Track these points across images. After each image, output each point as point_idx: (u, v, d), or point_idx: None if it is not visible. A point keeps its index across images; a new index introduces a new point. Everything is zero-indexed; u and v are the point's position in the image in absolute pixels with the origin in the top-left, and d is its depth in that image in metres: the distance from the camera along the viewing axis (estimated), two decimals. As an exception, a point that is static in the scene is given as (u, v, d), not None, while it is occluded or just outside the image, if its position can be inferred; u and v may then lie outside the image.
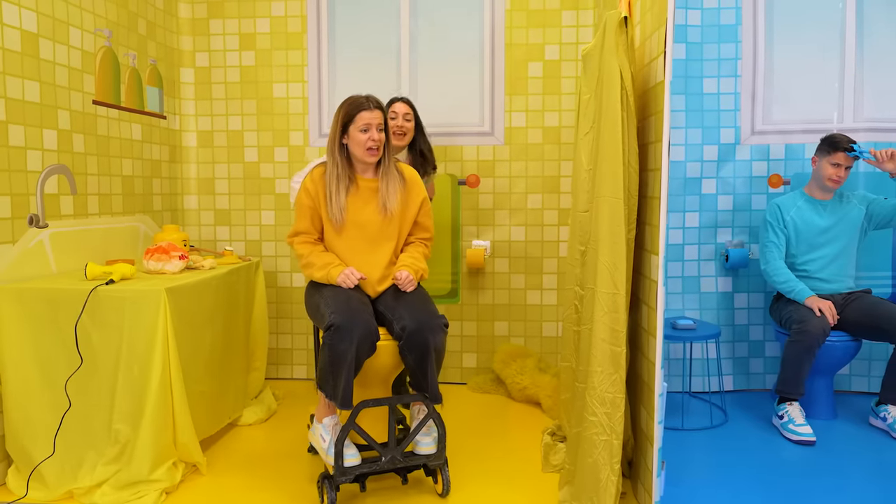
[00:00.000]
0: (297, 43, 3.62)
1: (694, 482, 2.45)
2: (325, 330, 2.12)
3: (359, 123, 2.31)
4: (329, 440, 2.22)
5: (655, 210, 2.04)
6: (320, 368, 2.19)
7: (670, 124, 3.42)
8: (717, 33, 3.43)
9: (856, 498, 2.32)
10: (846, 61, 3.40)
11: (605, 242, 2.08)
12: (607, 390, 2.07)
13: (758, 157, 3.47)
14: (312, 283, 2.45)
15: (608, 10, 2.58)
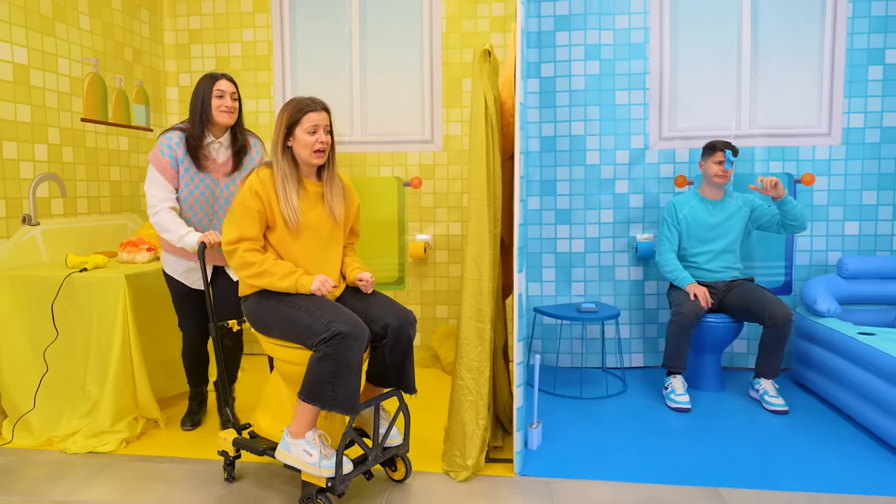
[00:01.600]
0: (264, 64, 3.94)
1: (570, 438, 2.71)
2: (329, 339, 1.93)
3: (306, 125, 2.12)
4: (317, 453, 1.99)
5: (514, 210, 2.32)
6: (315, 381, 1.96)
7: (586, 132, 3.69)
8: (627, 51, 3.65)
9: (705, 454, 2.56)
10: (742, 74, 3.60)
11: (472, 237, 2.36)
12: (473, 359, 2.35)
13: (665, 161, 3.69)
14: (266, 296, 2.12)
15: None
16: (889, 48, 3.48)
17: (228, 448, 2.31)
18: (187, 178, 2.57)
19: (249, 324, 2.24)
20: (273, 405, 2.25)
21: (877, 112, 3.52)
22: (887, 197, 3.56)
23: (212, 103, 2.53)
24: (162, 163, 2.53)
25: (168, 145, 2.54)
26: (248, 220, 2.11)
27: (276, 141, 2.16)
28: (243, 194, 2.13)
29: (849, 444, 2.65)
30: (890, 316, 3.41)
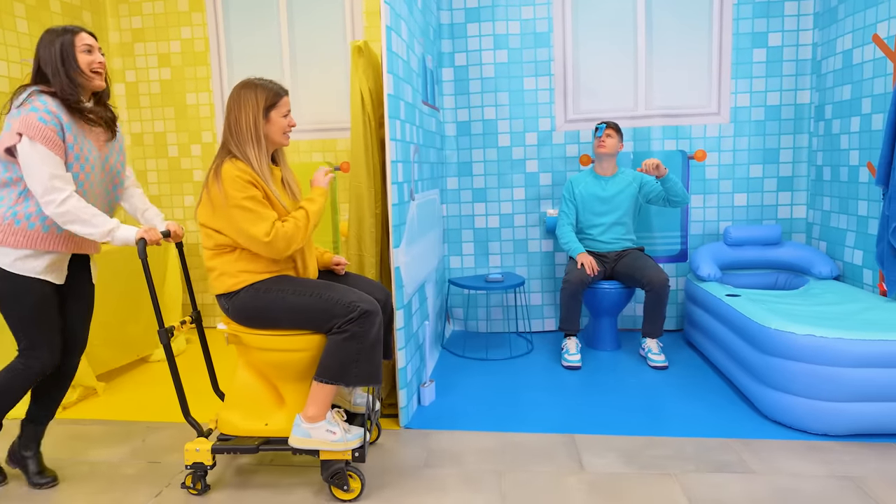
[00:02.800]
0: (202, 60, 4.03)
1: (462, 395, 2.87)
2: (357, 318, 1.88)
3: (282, 109, 2.00)
4: (339, 430, 1.97)
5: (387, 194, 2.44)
6: (340, 361, 1.91)
7: (497, 116, 3.79)
8: (533, 40, 3.74)
9: (577, 405, 2.73)
10: (638, 60, 3.68)
11: (353, 218, 2.49)
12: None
13: (570, 142, 3.79)
14: (262, 290, 1.96)
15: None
16: (772, 32, 3.57)
17: (204, 458, 2.04)
18: (78, 147, 1.96)
19: (235, 320, 2.02)
20: (246, 401, 2.10)
21: (761, 92, 3.61)
22: (772, 170, 3.67)
23: (79, 59, 1.96)
24: (46, 133, 1.86)
25: (46, 109, 1.88)
26: (263, 206, 1.93)
27: (250, 125, 1.94)
28: (239, 188, 1.88)
29: (712, 394, 2.81)
30: (772, 279, 3.55)
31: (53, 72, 1.93)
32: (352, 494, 2.00)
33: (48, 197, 1.88)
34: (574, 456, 2.26)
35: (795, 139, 3.64)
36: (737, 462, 2.18)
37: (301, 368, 2.04)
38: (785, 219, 3.70)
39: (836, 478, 2.05)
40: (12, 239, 1.93)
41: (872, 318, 2.53)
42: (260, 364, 2.07)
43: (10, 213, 1.94)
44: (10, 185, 1.95)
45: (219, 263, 2.00)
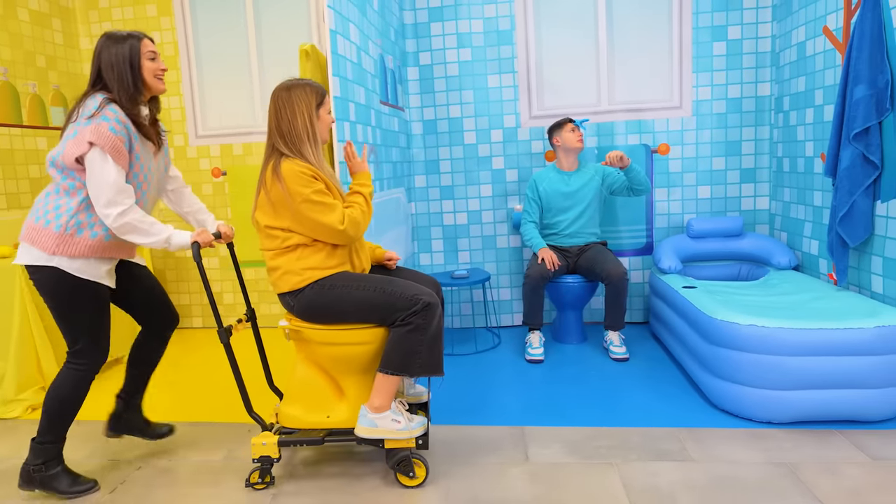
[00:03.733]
0: (172, 64, 4.06)
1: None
2: (421, 311, 1.94)
3: (327, 106, 2.06)
4: (404, 419, 2.03)
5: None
6: (404, 352, 1.96)
7: (462, 114, 3.82)
8: (496, 38, 3.76)
9: (531, 398, 2.77)
10: (600, 55, 3.71)
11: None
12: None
13: (535, 138, 3.83)
14: (326, 287, 2.00)
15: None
16: (731, 25, 3.59)
17: (271, 451, 2.08)
18: (142, 157, 2.00)
19: (301, 317, 2.05)
20: (306, 394, 2.13)
21: (722, 85, 3.64)
22: (734, 162, 3.70)
23: (144, 66, 1.99)
24: (115, 144, 1.88)
25: (117, 119, 1.89)
26: (330, 196, 1.99)
27: (307, 123, 2.00)
28: (305, 183, 1.93)
29: (667, 385, 2.85)
30: (735, 270, 3.59)
31: (119, 77, 1.94)
32: (417, 480, 2.06)
33: (109, 210, 1.91)
34: (521, 448, 2.30)
35: (757, 131, 3.66)
36: (678, 451, 2.22)
37: (363, 361, 2.10)
38: (748, 210, 3.73)
39: (772, 464, 2.09)
40: (74, 248, 1.96)
41: (821, 307, 2.56)
42: (321, 358, 2.12)
43: (74, 223, 1.96)
44: (71, 193, 1.97)
45: (282, 262, 2.03)
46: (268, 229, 2.02)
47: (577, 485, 2.02)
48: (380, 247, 2.36)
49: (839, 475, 2.00)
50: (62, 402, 2.03)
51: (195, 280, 4.25)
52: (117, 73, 1.94)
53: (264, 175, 1.99)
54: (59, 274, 1.96)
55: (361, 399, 2.12)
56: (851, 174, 2.62)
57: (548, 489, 2.01)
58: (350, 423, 2.11)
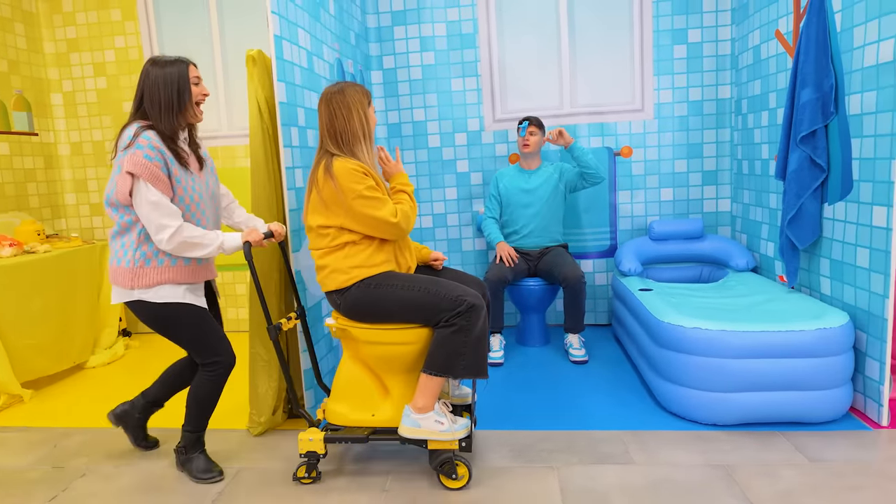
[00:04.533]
0: (137, 68, 4.05)
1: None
2: (465, 312, 1.94)
3: (372, 105, 2.15)
4: (447, 421, 2.03)
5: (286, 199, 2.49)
6: (448, 353, 1.96)
7: (426, 118, 3.83)
8: (459, 41, 3.77)
9: (484, 402, 2.78)
10: (562, 59, 3.73)
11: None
12: (265, 330, 2.55)
13: (499, 141, 3.84)
14: (372, 285, 2.03)
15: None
16: (691, 28, 3.61)
17: (318, 447, 2.11)
18: (184, 179, 2.01)
19: (346, 315, 2.08)
20: (352, 392, 2.15)
21: (683, 88, 3.66)
22: (696, 165, 3.72)
23: (192, 91, 2.03)
24: (152, 170, 1.90)
25: (150, 145, 1.92)
26: (381, 192, 2.05)
27: (363, 122, 2.07)
28: (357, 180, 1.98)
29: (622, 388, 2.85)
30: (696, 272, 3.60)
31: (164, 102, 1.97)
32: (460, 482, 2.05)
33: (158, 236, 1.95)
34: (365, 456, 2.31)
35: (718, 134, 3.68)
36: (621, 453, 2.23)
37: (408, 361, 2.10)
38: (710, 212, 3.75)
39: (710, 467, 2.10)
40: (147, 280, 2.02)
41: (771, 310, 2.57)
42: (367, 357, 2.14)
43: (139, 256, 2.01)
44: (129, 230, 2.01)
45: (330, 261, 2.07)
46: (319, 229, 2.06)
47: (515, 489, 2.03)
48: (426, 247, 2.38)
49: (774, 477, 2.01)
50: (199, 401, 2.18)
51: (162, 284, 4.23)
52: (163, 97, 1.98)
53: (315, 175, 2.05)
54: (144, 305, 2.05)
55: (406, 398, 2.13)
56: (799, 177, 2.64)
57: (485, 494, 2.01)
58: (395, 423, 2.12)
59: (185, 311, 2.08)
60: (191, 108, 2.05)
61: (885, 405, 2.31)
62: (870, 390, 2.37)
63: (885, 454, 2.12)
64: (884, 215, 2.24)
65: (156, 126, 1.98)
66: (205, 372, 2.15)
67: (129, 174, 1.91)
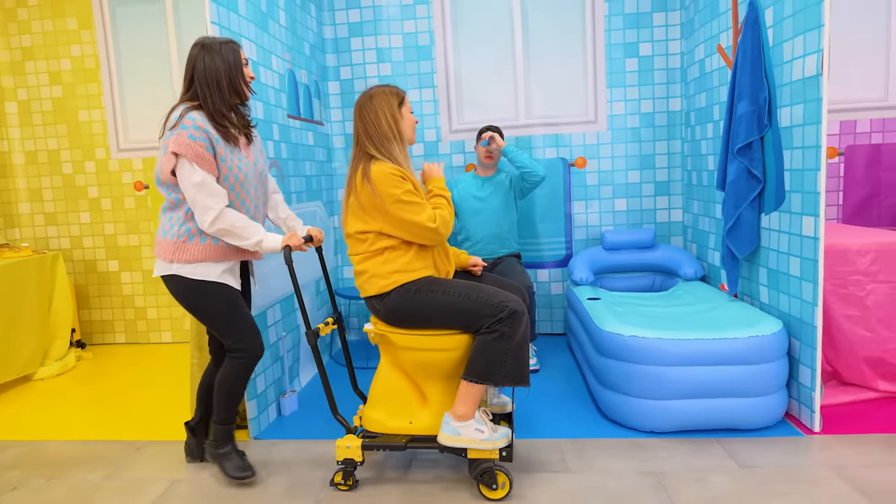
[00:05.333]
0: (93, 77, 4.03)
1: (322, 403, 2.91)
2: (507, 318, 1.91)
3: (408, 106, 2.10)
4: (487, 429, 1.99)
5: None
6: (489, 360, 1.92)
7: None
8: (416, 53, 3.81)
9: (432, 411, 2.77)
10: (517, 71, 3.77)
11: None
12: (203, 340, 2.53)
13: (456, 151, 3.87)
14: (412, 290, 2.00)
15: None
16: (642, 42, 3.68)
17: (355, 454, 2.08)
18: (230, 157, 2.01)
19: (386, 320, 2.05)
20: (389, 399, 2.12)
21: (635, 100, 3.72)
22: (649, 175, 3.77)
23: (243, 73, 2.05)
24: (196, 150, 1.92)
25: (195, 125, 1.93)
26: (419, 196, 2.01)
27: (391, 123, 2.04)
28: (395, 184, 1.96)
29: (569, 397, 2.86)
30: (649, 281, 3.64)
31: (216, 84, 1.98)
32: (501, 493, 2.00)
33: (201, 216, 1.98)
34: (404, 464, 2.30)
35: (669, 145, 3.75)
36: (557, 462, 2.24)
37: (447, 368, 2.07)
38: (663, 222, 3.80)
39: (642, 474, 2.12)
40: (187, 255, 2.03)
41: (711, 318, 2.61)
42: (405, 363, 2.10)
43: (184, 231, 2.03)
44: (177, 206, 2.04)
45: (369, 266, 2.05)
46: (357, 234, 2.04)
47: (445, 500, 2.02)
48: (464, 252, 2.36)
49: (703, 483, 2.03)
50: (225, 389, 2.16)
51: (117, 296, 4.18)
52: (214, 79, 1.99)
53: (353, 180, 2.03)
54: (179, 279, 2.05)
55: (444, 406, 2.08)
56: (737, 188, 2.69)
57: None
58: (433, 430, 2.08)
59: (218, 290, 2.07)
60: (242, 88, 2.06)
61: (817, 411, 2.35)
62: (803, 397, 2.41)
63: (814, 460, 2.15)
64: (812, 225, 2.29)
65: (204, 106, 1.99)
66: (231, 358, 2.14)
67: (174, 154, 1.94)
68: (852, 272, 2.57)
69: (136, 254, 4.15)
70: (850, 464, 2.11)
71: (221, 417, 2.21)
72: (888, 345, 2.57)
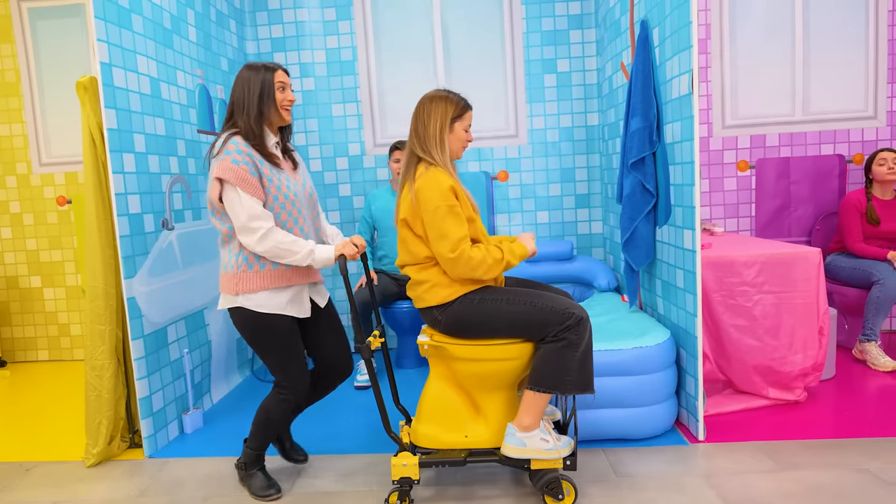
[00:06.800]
0: (14, 91, 3.98)
1: (241, 421, 2.88)
2: (574, 326, 1.88)
3: (465, 122, 2.05)
4: (552, 439, 1.96)
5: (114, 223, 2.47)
6: (555, 369, 1.89)
7: (307, 142, 3.86)
8: (339, 68, 3.84)
9: (348, 424, 2.77)
10: (438, 85, 3.82)
11: (87, 249, 2.49)
12: (97, 358, 2.49)
13: (380, 165, 3.89)
14: (475, 300, 1.95)
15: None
16: (560, 58, 3.76)
17: (412, 472, 2.00)
18: (276, 178, 2.01)
19: (447, 331, 1.99)
20: (442, 413, 2.06)
21: (554, 115, 3.79)
22: (569, 188, 3.85)
23: (276, 97, 2.05)
24: (240, 174, 1.93)
25: (238, 149, 1.95)
26: (459, 219, 1.91)
27: (437, 130, 1.99)
28: (441, 195, 1.90)
29: (477, 407, 2.90)
30: (569, 291, 3.69)
31: (246, 108, 2.01)
32: (567, 502, 1.97)
33: (246, 238, 1.96)
34: (291, 478, 2.30)
35: (588, 159, 3.82)
36: (435, 477, 2.25)
37: (506, 378, 2.02)
38: (584, 234, 3.87)
39: (520, 485, 2.14)
40: (251, 284, 2.01)
41: (609, 329, 2.66)
42: (462, 375, 2.04)
43: (242, 260, 2.02)
44: (232, 237, 2.04)
45: (431, 275, 1.98)
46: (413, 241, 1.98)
47: (323, 514, 2.03)
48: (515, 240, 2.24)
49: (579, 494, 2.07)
50: (266, 421, 2.15)
51: (40, 312, 4.12)
52: (246, 104, 2.01)
53: (405, 182, 2.01)
54: (245, 313, 2.03)
55: (500, 417, 2.04)
56: (632, 201, 2.76)
57: (292, 520, 2.01)
58: (489, 443, 2.03)
59: (280, 325, 2.04)
60: (275, 113, 2.06)
61: (701, 420, 2.41)
62: (690, 406, 2.47)
63: (689, 468, 2.20)
64: (690, 238, 2.36)
65: (243, 131, 2.01)
66: (277, 392, 2.12)
67: (218, 180, 1.95)
68: (740, 283, 2.65)
69: (59, 269, 4.09)
70: (721, 471, 2.16)
71: (256, 444, 2.19)
72: (775, 354, 2.66)
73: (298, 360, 2.11)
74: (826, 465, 2.18)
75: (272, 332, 2.03)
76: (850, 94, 3.68)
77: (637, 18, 2.86)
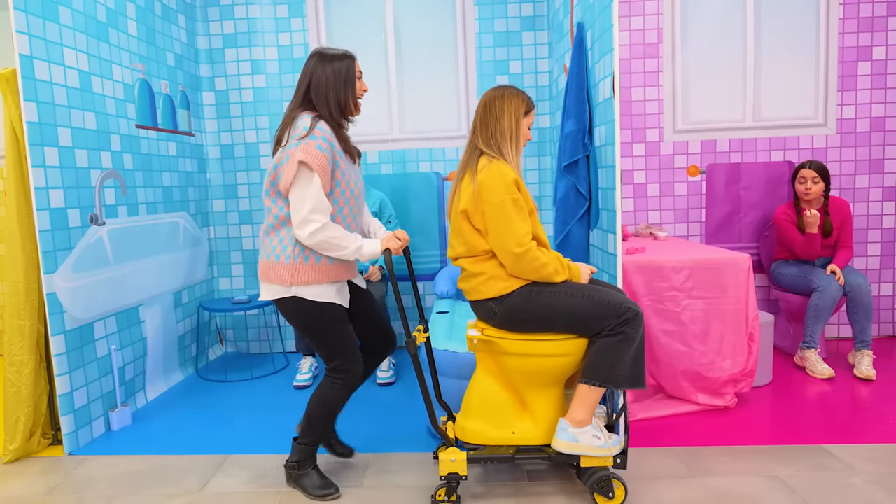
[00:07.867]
0: (-37, 82, 3.94)
1: (173, 419, 2.86)
2: (631, 320, 1.88)
3: (531, 119, 2.06)
4: (604, 435, 1.94)
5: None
6: (611, 363, 1.88)
7: (258, 139, 3.82)
8: (290, 65, 3.81)
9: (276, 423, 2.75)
10: (391, 85, 3.81)
11: (8, 243, 2.47)
12: (16, 354, 2.46)
13: (332, 164, 3.87)
14: (533, 292, 1.93)
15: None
16: (512, 60, 3.75)
17: (460, 468, 1.98)
18: (349, 171, 2.02)
19: (502, 324, 1.96)
20: (489, 409, 2.03)
21: (506, 116, 3.78)
22: (520, 190, 3.83)
23: (356, 85, 2.04)
24: (322, 162, 1.89)
25: (324, 136, 1.92)
26: (523, 213, 1.90)
27: (512, 125, 1.98)
28: (506, 189, 1.87)
29: (408, 411, 2.88)
30: (517, 295, 3.69)
31: (333, 95, 1.98)
32: (616, 501, 1.95)
33: (302, 229, 1.92)
34: (205, 477, 2.28)
35: (540, 161, 3.81)
36: (355, 476, 2.24)
37: (556, 374, 1.99)
38: (535, 237, 3.86)
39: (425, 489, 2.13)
40: (306, 276, 1.99)
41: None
42: (510, 371, 2.01)
43: (299, 252, 1.99)
44: (288, 222, 1.99)
45: (488, 268, 1.95)
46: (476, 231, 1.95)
47: (225, 515, 2.01)
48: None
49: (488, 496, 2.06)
50: (325, 409, 2.10)
51: None
52: (332, 90, 1.98)
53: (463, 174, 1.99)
54: (299, 302, 2.01)
55: (548, 414, 2.01)
56: (566, 204, 2.75)
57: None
58: (538, 440, 2.00)
59: (335, 311, 2.04)
60: (353, 102, 2.04)
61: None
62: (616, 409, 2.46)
63: (604, 473, 2.19)
64: (613, 242, 2.35)
65: (323, 117, 1.98)
66: (333, 378, 2.07)
67: (300, 162, 1.89)
68: (668, 288, 2.64)
69: None
70: (632, 478, 2.15)
71: (312, 438, 2.14)
72: (703, 359, 2.65)
73: (354, 339, 2.11)
74: (739, 471, 2.18)
75: (331, 319, 2.03)
76: (800, 101, 3.69)
77: (576, 21, 2.85)
